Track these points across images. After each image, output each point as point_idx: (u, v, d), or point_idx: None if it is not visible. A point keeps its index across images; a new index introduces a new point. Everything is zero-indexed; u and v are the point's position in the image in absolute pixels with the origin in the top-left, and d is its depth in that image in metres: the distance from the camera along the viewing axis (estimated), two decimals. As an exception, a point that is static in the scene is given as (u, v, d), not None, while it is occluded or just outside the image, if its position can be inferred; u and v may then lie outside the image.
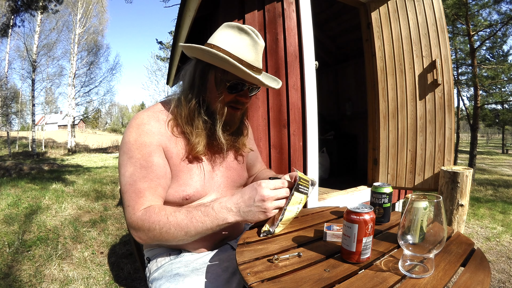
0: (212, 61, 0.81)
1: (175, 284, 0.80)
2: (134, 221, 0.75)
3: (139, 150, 0.78)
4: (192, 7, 2.23)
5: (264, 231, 0.83)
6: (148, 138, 0.80)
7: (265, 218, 0.77)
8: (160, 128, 0.83)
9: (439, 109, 2.16)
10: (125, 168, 0.78)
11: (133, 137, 0.79)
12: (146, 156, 0.78)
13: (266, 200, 0.74)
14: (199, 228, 0.75)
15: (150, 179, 0.78)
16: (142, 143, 0.79)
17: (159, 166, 0.80)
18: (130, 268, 2.08)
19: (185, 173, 0.85)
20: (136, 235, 0.77)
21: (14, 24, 8.05)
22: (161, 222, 0.73)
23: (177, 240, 0.76)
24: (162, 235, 0.74)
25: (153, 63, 27.63)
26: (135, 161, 0.78)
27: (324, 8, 3.77)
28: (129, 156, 0.78)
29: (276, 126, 2.03)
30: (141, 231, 0.75)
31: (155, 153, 0.80)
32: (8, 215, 2.95)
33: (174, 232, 0.74)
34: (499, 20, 7.25)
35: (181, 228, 0.74)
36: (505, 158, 15.06)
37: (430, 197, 0.61)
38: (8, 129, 15.77)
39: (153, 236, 0.75)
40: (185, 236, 0.75)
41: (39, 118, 28.55)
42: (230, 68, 0.79)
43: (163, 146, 0.82)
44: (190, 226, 0.74)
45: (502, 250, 2.65)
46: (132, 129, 0.81)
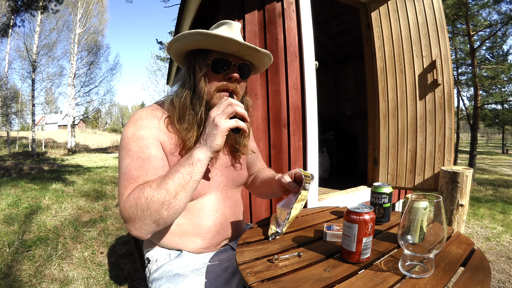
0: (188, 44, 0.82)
1: (175, 284, 0.80)
2: (122, 206, 0.71)
3: (136, 143, 0.78)
4: (192, 7, 2.23)
5: (272, 234, 0.83)
6: (146, 131, 0.80)
7: (220, 133, 0.73)
8: (158, 124, 0.83)
9: (439, 109, 2.16)
10: (122, 161, 0.78)
11: (131, 131, 0.80)
12: (143, 148, 0.78)
13: (215, 119, 0.73)
14: (177, 179, 0.71)
15: (146, 169, 0.76)
16: (140, 136, 0.79)
17: (157, 157, 0.79)
18: (130, 268, 2.08)
19: None
20: (130, 226, 0.72)
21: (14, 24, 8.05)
22: (145, 193, 0.69)
23: (166, 206, 0.70)
24: (149, 206, 0.69)
25: (153, 63, 27.64)
26: (132, 153, 0.77)
27: (324, 8, 3.77)
28: (127, 149, 0.78)
29: (276, 126, 2.03)
30: (130, 214, 0.70)
31: (153, 146, 0.79)
32: (8, 215, 2.95)
33: (157, 196, 0.69)
34: (499, 20, 7.25)
35: (162, 188, 0.70)
36: (505, 158, 15.06)
37: (430, 197, 0.61)
38: (8, 129, 15.76)
39: (143, 214, 0.69)
40: (169, 196, 0.70)
41: (39, 118, 28.57)
42: (210, 43, 0.80)
43: (161, 140, 0.82)
44: (169, 181, 0.71)
45: (502, 250, 2.65)
46: (130, 124, 0.81)
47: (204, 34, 0.77)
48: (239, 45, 0.80)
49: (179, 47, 0.85)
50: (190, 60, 0.87)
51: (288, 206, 0.82)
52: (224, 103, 0.75)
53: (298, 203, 0.81)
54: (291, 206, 0.80)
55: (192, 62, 0.86)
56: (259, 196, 1.19)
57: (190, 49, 0.86)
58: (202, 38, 0.79)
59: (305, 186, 0.80)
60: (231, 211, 0.96)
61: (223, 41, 0.79)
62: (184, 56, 0.91)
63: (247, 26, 1.92)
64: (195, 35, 0.78)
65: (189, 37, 0.79)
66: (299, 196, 0.79)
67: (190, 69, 0.86)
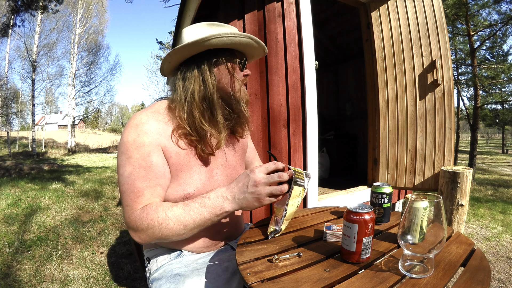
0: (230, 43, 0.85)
1: (175, 284, 0.80)
2: (132, 220, 0.74)
3: (137, 150, 0.77)
4: (192, 7, 2.23)
5: (271, 232, 0.83)
6: (147, 137, 0.79)
7: (260, 206, 0.75)
8: (159, 128, 0.82)
9: (439, 109, 2.16)
10: (123, 168, 0.77)
11: (131, 137, 0.78)
12: (144, 156, 0.77)
13: (258, 184, 0.73)
14: (198, 220, 0.74)
15: (149, 179, 0.77)
16: (141, 143, 0.78)
17: (158, 165, 0.79)
18: (130, 268, 2.08)
19: (185, 172, 0.84)
20: (135, 235, 0.75)
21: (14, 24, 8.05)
22: (159, 218, 0.72)
23: (177, 235, 0.75)
24: (162, 231, 0.73)
25: (153, 63, 27.60)
26: (133, 161, 0.77)
27: (324, 8, 3.77)
28: (128, 156, 0.77)
29: (276, 126, 2.03)
30: (139, 230, 0.74)
31: (154, 153, 0.79)
32: (8, 215, 2.95)
33: (173, 226, 0.73)
34: (499, 20, 7.26)
35: (180, 221, 0.73)
36: (505, 158, 15.06)
37: (430, 197, 0.61)
38: (8, 129, 15.76)
39: (152, 233, 0.73)
40: (184, 230, 0.74)
41: (39, 118, 28.56)
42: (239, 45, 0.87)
43: (162, 145, 0.81)
44: (188, 219, 0.73)
45: (502, 250, 2.65)
46: (131, 129, 0.79)
47: (256, 40, 0.87)
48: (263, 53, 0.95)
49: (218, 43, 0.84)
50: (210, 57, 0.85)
51: (283, 203, 0.82)
52: (271, 166, 0.77)
53: (294, 199, 0.80)
54: (287, 202, 0.79)
55: (215, 60, 0.86)
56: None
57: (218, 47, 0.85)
58: (251, 42, 0.88)
59: (296, 182, 0.79)
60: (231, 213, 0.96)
61: (255, 49, 0.91)
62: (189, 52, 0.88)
63: (247, 26, 1.92)
64: (247, 38, 0.86)
65: (241, 37, 0.84)
66: (292, 192, 0.78)
67: (211, 65, 0.85)
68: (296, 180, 0.79)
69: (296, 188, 0.80)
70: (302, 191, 0.83)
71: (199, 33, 0.85)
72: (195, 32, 0.86)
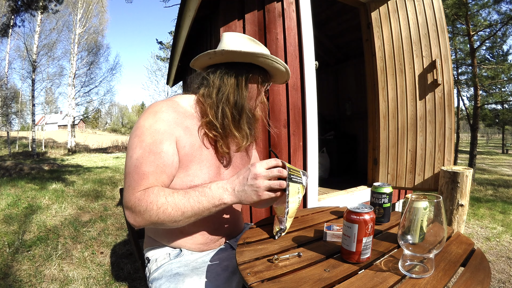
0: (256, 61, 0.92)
1: (175, 283, 0.80)
2: (131, 200, 0.75)
3: (151, 136, 0.79)
4: (192, 7, 2.23)
5: (277, 232, 0.83)
6: (163, 125, 0.81)
7: (258, 199, 0.75)
8: (177, 118, 0.84)
9: (439, 109, 2.16)
10: (133, 150, 0.79)
11: (148, 122, 0.81)
12: (157, 143, 0.79)
13: (258, 177, 0.74)
14: (196, 208, 0.74)
15: (157, 165, 0.78)
16: (156, 129, 0.80)
17: (167, 154, 0.80)
18: (130, 268, 2.08)
19: (196, 164, 0.86)
20: (131, 216, 0.76)
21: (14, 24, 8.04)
22: (159, 202, 0.73)
23: (173, 222, 0.75)
24: (159, 215, 0.73)
25: (153, 63, 27.65)
26: (145, 145, 0.78)
27: (324, 8, 3.77)
28: (141, 139, 0.79)
29: (276, 126, 2.03)
30: (137, 211, 0.74)
31: (166, 141, 0.80)
32: (8, 215, 2.95)
33: (171, 212, 0.73)
34: (499, 20, 7.25)
35: (178, 208, 0.73)
36: (505, 158, 15.06)
37: (430, 197, 0.61)
38: (8, 129, 15.76)
39: (149, 217, 0.73)
40: (181, 217, 0.74)
41: (39, 118, 28.55)
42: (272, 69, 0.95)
43: (176, 135, 0.83)
44: (187, 206, 0.74)
45: (502, 250, 2.65)
46: (149, 115, 0.82)
47: (288, 72, 0.98)
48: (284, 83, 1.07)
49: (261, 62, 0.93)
50: (248, 70, 0.92)
51: (284, 201, 0.82)
52: (272, 162, 0.78)
53: (294, 196, 0.80)
54: (287, 199, 0.79)
55: (251, 75, 0.93)
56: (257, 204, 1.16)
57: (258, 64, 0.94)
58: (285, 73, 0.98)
59: (291, 178, 0.79)
60: (230, 209, 0.98)
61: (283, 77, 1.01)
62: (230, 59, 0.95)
63: (247, 26, 1.92)
64: (284, 68, 0.95)
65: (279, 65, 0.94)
66: (291, 189, 0.78)
67: (248, 78, 0.92)
68: (291, 176, 0.79)
69: (293, 185, 0.79)
70: (301, 188, 0.83)
71: (243, 45, 0.93)
72: (239, 42, 0.93)
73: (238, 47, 0.90)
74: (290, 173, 0.79)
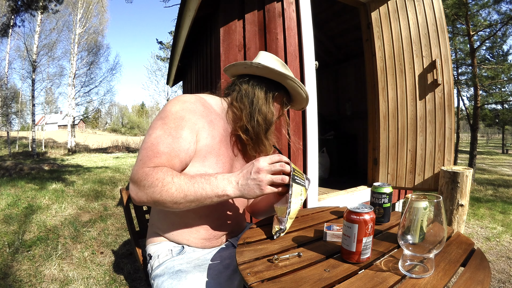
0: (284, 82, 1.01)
1: (177, 280, 0.80)
2: (140, 173, 0.76)
3: (175, 121, 0.83)
4: (192, 7, 2.23)
5: (276, 232, 0.83)
6: (189, 114, 0.85)
7: (260, 193, 0.76)
8: (203, 111, 0.89)
9: (439, 109, 2.16)
10: (154, 130, 0.82)
11: (175, 108, 0.85)
12: (178, 128, 0.82)
13: (260, 171, 0.75)
14: (199, 194, 0.75)
15: (172, 148, 0.80)
16: (182, 116, 0.84)
17: (185, 140, 0.83)
18: (130, 268, 2.08)
19: (213, 156, 0.89)
20: (134, 189, 0.77)
21: (14, 24, 8.03)
22: (165, 180, 0.74)
23: (173, 203, 0.75)
24: (162, 193, 0.74)
25: (153, 63, 27.67)
26: (167, 128, 0.82)
27: (324, 8, 3.77)
28: (164, 122, 0.83)
29: (275, 126, 2.02)
30: (141, 185, 0.75)
31: (188, 129, 0.83)
32: (8, 215, 2.95)
33: (173, 192, 0.74)
34: (499, 20, 7.25)
35: (182, 190, 0.74)
36: (505, 158, 15.06)
37: (430, 197, 0.61)
38: (8, 129, 15.75)
39: (152, 193, 0.74)
40: (183, 199, 0.75)
41: (39, 118, 28.54)
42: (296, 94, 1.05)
43: (199, 127, 0.86)
44: (191, 190, 0.75)
45: (502, 250, 2.65)
46: (178, 103, 0.87)
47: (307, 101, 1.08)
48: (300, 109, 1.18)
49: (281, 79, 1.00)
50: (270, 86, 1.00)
51: (286, 201, 0.82)
52: (275, 157, 0.79)
53: (296, 197, 0.80)
54: (289, 200, 0.79)
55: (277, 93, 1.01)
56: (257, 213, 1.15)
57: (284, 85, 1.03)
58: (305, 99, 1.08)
59: (295, 179, 0.79)
60: (234, 207, 1.00)
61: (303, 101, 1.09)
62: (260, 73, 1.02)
63: (247, 26, 1.92)
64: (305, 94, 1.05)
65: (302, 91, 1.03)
66: (294, 190, 0.79)
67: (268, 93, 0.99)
68: (295, 177, 0.79)
69: (297, 186, 0.80)
70: (303, 190, 0.83)
71: (275, 65, 0.99)
72: (272, 61, 1.01)
73: (272, 65, 0.97)
74: (294, 174, 0.79)
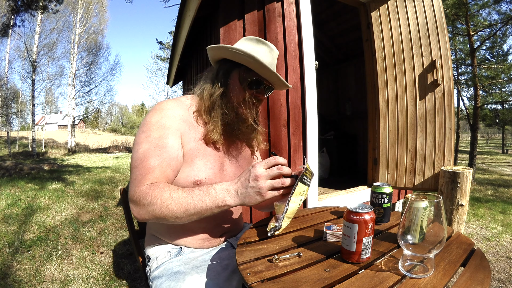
0: (239, 59, 0.91)
1: (175, 282, 0.80)
2: (137, 193, 0.76)
3: (158, 131, 0.83)
4: (192, 7, 2.23)
5: (271, 228, 0.82)
6: (169, 121, 0.85)
7: (262, 200, 0.75)
8: (183, 115, 0.89)
9: (439, 109, 2.16)
10: (140, 145, 0.82)
11: (155, 118, 0.85)
12: (163, 137, 0.82)
13: (259, 178, 0.74)
14: (199, 207, 0.75)
15: (162, 159, 0.81)
16: (163, 124, 0.84)
17: (172, 148, 0.83)
18: (130, 268, 2.08)
19: (201, 159, 0.89)
20: (135, 209, 0.77)
21: (14, 24, 8.04)
22: (163, 197, 0.74)
23: (175, 218, 0.75)
24: (162, 210, 0.74)
25: (153, 63, 27.68)
26: (151, 140, 0.82)
27: (324, 8, 3.77)
28: (147, 134, 0.83)
29: (276, 126, 2.03)
30: (141, 204, 0.75)
31: (172, 136, 0.84)
32: (8, 215, 2.95)
33: (174, 208, 0.74)
34: (499, 20, 7.25)
35: (182, 204, 0.74)
36: (505, 158, 15.06)
37: (430, 197, 0.61)
38: (8, 129, 15.75)
39: (153, 211, 0.74)
40: (184, 214, 0.75)
41: (39, 118, 28.54)
42: (254, 65, 0.90)
43: (181, 131, 0.87)
44: (190, 204, 0.74)
45: (502, 250, 2.65)
46: (156, 112, 0.86)
47: (258, 62, 0.88)
48: (278, 81, 0.96)
49: (228, 55, 0.93)
50: (229, 67, 0.94)
51: (285, 201, 0.80)
52: (271, 161, 0.77)
53: (297, 196, 0.79)
54: (289, 198, 0.78)
55: (231, 70, 0.94)
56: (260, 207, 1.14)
57: (233, 60, 0.93)
58: (253, 63, 0.89)
59: (303, 179, 0.78)
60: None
61: (268, 72, 0.92)
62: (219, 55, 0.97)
63: (247, 26, 1.92)
64: (249, 57, 0.88)
65: (243, 56, 0.88)
66: (297, 188, 0.77)
67: (227, 73, 0.94)
68: (303, 178, 0.79)
69: (301, 186, 0.79)
70: (306, 189, 0.82)
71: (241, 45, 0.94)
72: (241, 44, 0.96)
73: (241, 46, 0.92)
74: (305, 173, 0.78)
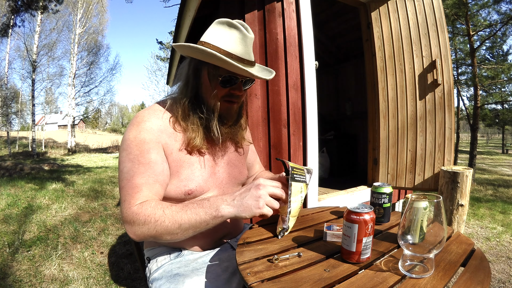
0: (202, 57, 0.83)
1: (175, 284, 0.80)
2: (129, 214, 0.74)
3: (137, 147, 0.79)
4: (192, 7, 2.23)
5: (280, 231, 0.83)
6: (148, 135, 0.80)
7: (255, 211, 0.71)
8: (161, 125, 0.83)
9: (439, 109, 2.16)
10: (123, 164, 0.79)
11: (132, 134, 0.80)
12: (144, 153, 0.79)
13: (261, 187, 0.73)
14: (193, 220, 0.72)
15: (148, 175, 0.78)
16: (142, 140, 0.79)
17: (156, 163, 0.80)
18: (130, 268, 2.08)
19: (187, 168, 0.85)
20: (130, 230, 0.75)
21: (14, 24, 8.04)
22: (156, 215, 0.72)
23: (170, 234, 0.74)
24: (156, 228, 0.72)
25: (153, 63, 27.65)
26: (133, 157, 0.79)
27: (324, 8, 3.77)
28: (128, 152, 0.79)
29: (276, 126, 2.02)
30: (135, 225, 0.73)
31: (154, 150, 0.80)
32: (8, 215, 2.95)
33: (168, 224, 0.72)
34: (499, 20, 7.25)
35: (175, 220, 0.72)
36: (505, 158, 15.06)
37: (430, 197, 0.60)
38: (8, 129, 15.76)
39: (147, 230, 0.73)
40: (178, 229, 0.73)
41: (39, 118, 28.53)
42: (219, 63, 0.80)
43: (162, 143, 0.82)
44: (184, 218, 0.72)
45: (502, 250, 2.65)
46: (133, 127, 0.81)
47: (222, 60, 0.77)
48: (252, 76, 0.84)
49: (189, 53, 0.86)
50: (196, 64, 0.86)
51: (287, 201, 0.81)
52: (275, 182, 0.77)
53: (296, 195, 0.80)
54: (289, 199, 0.79)
55: (199, 67, 0.86)
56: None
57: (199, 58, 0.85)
58: (219, 62, 0.79)
59: (294, 178, 0.78)
60: None
61: (239, 71, 0.81)
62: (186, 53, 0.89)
63: (247, 26, 1.92)
64: (212, 57, 0.78)
65: (203, 53, 0.80)
66: (292, 188, 0.78)
67: (197, 71, 0.86)
68: (294, 176, 0.79)
69: (296, 184, 0.79)
70: (304, 186, 0.82)
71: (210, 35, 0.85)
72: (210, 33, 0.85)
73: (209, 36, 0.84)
74: (293, 172, 0.78)
